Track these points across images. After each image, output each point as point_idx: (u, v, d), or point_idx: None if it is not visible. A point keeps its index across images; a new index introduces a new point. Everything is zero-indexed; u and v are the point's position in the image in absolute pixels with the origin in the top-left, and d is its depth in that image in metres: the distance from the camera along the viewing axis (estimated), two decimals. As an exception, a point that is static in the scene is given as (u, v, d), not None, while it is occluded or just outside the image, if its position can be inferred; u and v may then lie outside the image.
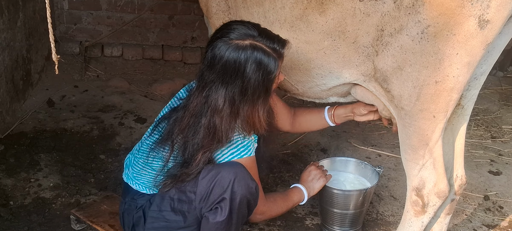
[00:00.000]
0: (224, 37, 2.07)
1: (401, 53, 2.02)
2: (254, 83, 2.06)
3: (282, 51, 2.12)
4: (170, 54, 5.04)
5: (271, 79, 2.11)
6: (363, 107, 2.52)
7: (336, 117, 2.63)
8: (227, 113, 2.08)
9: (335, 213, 2.66)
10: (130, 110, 3.99)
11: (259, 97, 2.12)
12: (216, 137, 2.10)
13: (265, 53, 2.06)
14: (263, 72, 2.07)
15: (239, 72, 2.04)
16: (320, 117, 2.66)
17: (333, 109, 2.63)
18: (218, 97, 2.07)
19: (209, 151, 2.12)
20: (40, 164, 3.23)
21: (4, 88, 3.54)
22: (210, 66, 2.08)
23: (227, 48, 2.04)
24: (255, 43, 2.05)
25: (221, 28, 2.14)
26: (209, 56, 2.08)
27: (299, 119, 2.69)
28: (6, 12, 3.56)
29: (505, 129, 4.06)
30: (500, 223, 2.98)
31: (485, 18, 1.84)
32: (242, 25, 2.10)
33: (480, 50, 1.91)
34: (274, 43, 2.09)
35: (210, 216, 2.10)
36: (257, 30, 2.09)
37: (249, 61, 2.04)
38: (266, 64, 2.06)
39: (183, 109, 2.18)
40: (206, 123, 2.09)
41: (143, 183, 2.32)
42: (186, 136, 2.14)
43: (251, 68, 2.04)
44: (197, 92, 2.13)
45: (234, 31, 2.07)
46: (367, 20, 2.07)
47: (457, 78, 1.97)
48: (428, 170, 2.19)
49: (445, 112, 2.06)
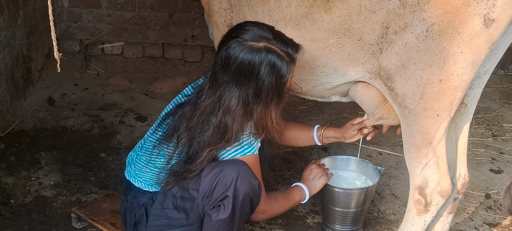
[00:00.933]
0: (238, 38, 2.07)
1: (406, 51, 2.02)
2: (268, 86, 2.07)
3: (295, 56, 2.13)
4: (171, 52, 5.03)
5: (284, 83, 2.12)
6: (352, 128, 2.59)
7: (325, 138, 2.67)
8: (240, 114, 2.09)
9: (336, 211, 2.66)
10: (130, 109, 3.99)
11: (272, 100, 2.12)
12: (226, 137, 2.10)
13: (279, 57, 2.07)
14: (276, 75, 2.07)
15: (254, 74, 2.05)
16: (308, 135, 2.69)
17: (322, 129, 2.67)
18: (231, 98, 2.08)
19: (215, 149, 2.12)
20: (41, 162, 3.22)
21: (5, 87, 3.54)
22: (224, 67, 2.08)
23: (241, 49, 2.04)
24: (270, 46, 2.06)
25: (235, 29, 2.14)
26: (223, 56, 2.08)
27: (289, 133, 2.70)
28: (7, 10, 3.55)
29: (506, 127, 4.06)
30: (501, 221, 2.98)
31: (490, 17, 1.84)
32: (257, 26, 2.11)
33: (485, 49, 1.91)
34: (288, 48, 2.10)
35: (212, 213, 2.10)
36: (272, 33, 2.10)
37: (263, 63, 2.04)
38: (279, 68, 2.07)
39: (191, 106, 2.18)
40: (217, 122, 2.09)
41: (146, 181, 2.32)
42: (192, 133, 2.13)
43: (265, 70, 2.05)
44: (210, 91, 2.13)
45: (248, 32, 2.08)
46: (373, 17, 2.07)
47: (462, 77, 1.97)
48: (431, 168, 2.18)
49: (449, 111, 2.06)
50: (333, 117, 4.08)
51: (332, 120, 4.03)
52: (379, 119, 2.43)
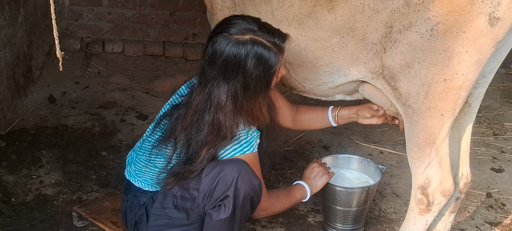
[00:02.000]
0: (224, 32, 2.06)
1: (410, 51, 2.01)
2: (255, 78, 2.06)
3: (282, 45, 2.11)
4: (171, 50, 5.03)
5: (272, 74, 2.11)
6: (368, 110, 2.52)
7: (340, 117, 2.61)
8: (230, 109, 2.08)
9: (337, 210, 2.66)
10: (131, 107, 3.98)
11: (261, 92, 2.12)
12: (221, 133, 2.09)
13: (266, 48, 2.05)
14: (264, 66, 2.06)
15: (240, 68, 2.04)
16: (323, 116, 2.64)
17: (337, 109, 2.61)
18: (220, 93, 2.07)
19: (213, 147, 2.11)
20: (42, 160, 3.22)
21: (5, 85, 3.53)
22: (211, 62, 2.07)
23: (227, 43, 2.04)
24: (255, 38, 2.05)
25: (221, 23, 2.13)
26: (209, 51, 2.08)
27: (302, 116, 2.68)
28: (7, 8, 3.54)
29: (507, 126, 4.06)
30: (502, 220, 2.98)
31: (495, 15, 1.83)
32: (242, 19, 2.10)
33: (490, 48, 1.90)
34: (275, 37, 2.08)
35: (213, 213, 2.10)
36: (257, 25, 2.08)
37: (249, 56, 2.03)
38: (266, 59, 2.06)
39: (185, 106, 2.18)
40: (210, 119, 2.08)
41: (146, 180, 2.32)
42: (189, 133, 2.13)
43: (252, 63, 2.04)
44: (199, 89, 2.12)
45: (234, 26, 2.07)
46: (376, 16, 2.06)
47: (466, 76, 1.96)
48: (434, 168, 2.18)
49: (453, 111, 2.05)
50: (334, 116, 4.07)
51: (333, 118, 4.03)
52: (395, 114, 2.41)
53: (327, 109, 2.63)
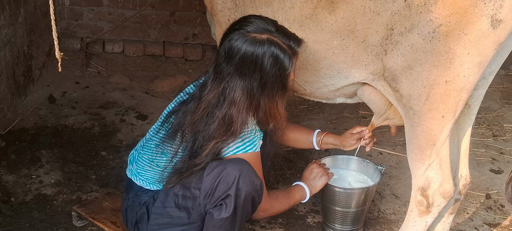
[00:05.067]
0: (241, 30, 2.08)
1: (412, 52, 2.01)
2: (272, 77, 2.09)
3: (297, 49, 2.14)
4: (172, 50, 5.03)
5: (286, 75, 2.13)
6: (350, 138, 2.62)
7: (324, 143, 2.68)
8: (245, 105, 2.09)
9: (337, 211, 2.66)
10: (131, 107, 3.99)
11: (277, 91, 2.14)
12: (231, 129, 2.10)
13: (281, 50, 2.08)
14: (280, 67, 2.09)
15: (257, 66, 2.06)
16: (308, 139, 2.70)
17: (322, 135, 2.67)
18: (236, 90, 2.08)
19: (221, 141, 2.12)
20: (41, 160, 3.22)
21: (5, 84, 3.54)
22: (228, 58, 2.09)
23: (244, 40, 2.06)
24: (273, 38, 2.08)
25: (238, 21, 2.16)
26: (226, 47, 2.09)
27: (289, 134, 2.70)
28: (8, 7, 3.55)
29: (506, 127, 4.06)
30: (501, 221, 2.98)
31: (497, 17, 1.83)
32: (260, 19, 2.13)
33: (492, 50, 1.91)
34: (290, 41, 2.12)
35: (214, 212, 2.11)
36: (275, 26, 2.12)
37: (266, 55, 2.06)
38: (282, 60, 2.08)
39: (195, 101, 2.19)
40: (222, 114, 2.09)
41: (147, 179, 2.32)
42: (197, 127, 2.14)
43: (269, 62, 2.06)
44: (213, 84, 2.13)
45: (251, 25, 2.09)
46: (377, 19, 2.06)
47: (468, 78, 1.96)
48: (434, 170, 2.18)
49: (454, 113, 2.05)
50: (334, 116, 4.08)
51: (333, 119, 4.03)
52: (386, 119, 2.43)
53: (312, 133, 2.69)
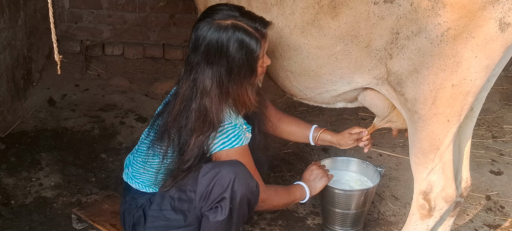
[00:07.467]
0: (207, 18, 2.10)
1: (419, 56, 2.00)
2: (238, 62, 2.09)
3: (264, 31, 2.14)
4: (171, 53, 5.03)
5: (255, 59, 2.13)
6: (348, 138, 2.60)
7: (320, 140, 2.66)
8: (216, 94, 2.10)
9: (336, 212, 2.66)
10: (131, 110, 3.99)
11: (246, 77, 2.14)
12: (208, 119, 2.11)
13: (247, 33, 2.08)
14: (246, 51, 2.09)
15: (223, 52, 2.07)
16: (304, 134, 2.67)
17: (319, 131, 2.65)
18: (205, 79, 2.10)
19: (202, 134, 2.12)
20: (41, 163, 3.22)
21: (5, 87, 3.54)
22: (195, 49, 2.11)
23: (209, 28, 2.08)
24: (237, 23, 2.09)
25: (206, 11, 2.18)
26: (193, 38, 2.11)
27: (284, 126, 2.68)
28: (7, 10, 3.55)
29: (506, 128, 4.05)
30: (502, 223, 2.98)
31: (506, 21, 1.83)
32: (226, 6, 2.14)
33: (499, 53, 1.90)
34: (256, 23, 2.12)
35: (210, 215, 2.11)
36: (239, 11, 2.13)
37: (231, 40, 2.07)
38: (248, 43, 2.09)
39: (173, 97, 2.21)
40: (197, 106, 2.11)
41: (143, 182, 2.33)
42: (179, 123, 2.15)
43: (234, 47, 2.07)
44: (185, 76, 2.16)
45: (217, 13, 2.11)
46: (382, 23, 2.05)
47: (474, 82, 1.96)
48: (437, 174, 2.17)
49: (459, 116, 2.04)
50: (333, 118, 4.08)
51: (332, 120, 4.03)
52: (388, 122, 2.42)
53: (310, 128, 2.66)
